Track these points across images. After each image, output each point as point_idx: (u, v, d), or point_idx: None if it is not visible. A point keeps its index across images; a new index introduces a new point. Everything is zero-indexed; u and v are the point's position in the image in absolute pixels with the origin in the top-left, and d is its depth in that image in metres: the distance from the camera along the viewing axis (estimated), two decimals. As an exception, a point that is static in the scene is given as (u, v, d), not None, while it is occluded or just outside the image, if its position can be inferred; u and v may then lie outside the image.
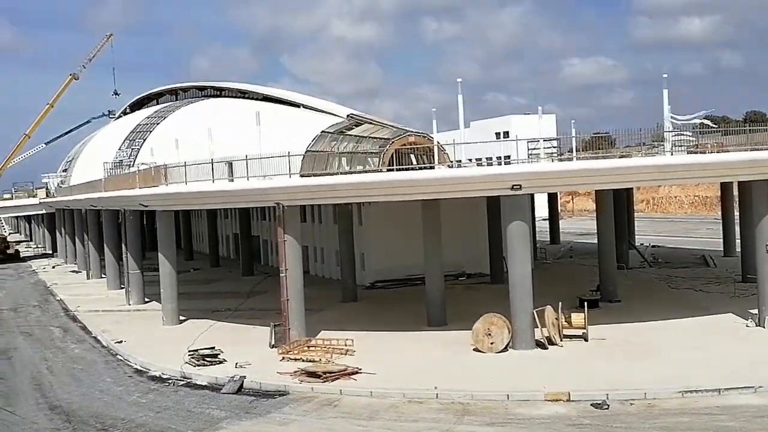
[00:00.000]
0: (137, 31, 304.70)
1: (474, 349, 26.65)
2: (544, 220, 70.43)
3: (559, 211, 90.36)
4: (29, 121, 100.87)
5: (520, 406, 20.78)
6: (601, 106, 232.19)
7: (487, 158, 41.39)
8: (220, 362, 27.01)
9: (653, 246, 59.31)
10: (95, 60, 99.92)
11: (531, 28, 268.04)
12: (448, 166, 32.30)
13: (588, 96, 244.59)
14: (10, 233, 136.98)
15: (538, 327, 26.76)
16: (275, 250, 34.61)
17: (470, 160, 38.67)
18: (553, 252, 58.74)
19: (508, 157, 32.63)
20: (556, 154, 31.85)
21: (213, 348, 28.41)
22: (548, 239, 65.82)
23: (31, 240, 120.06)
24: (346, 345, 27.58)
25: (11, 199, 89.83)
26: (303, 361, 26.37)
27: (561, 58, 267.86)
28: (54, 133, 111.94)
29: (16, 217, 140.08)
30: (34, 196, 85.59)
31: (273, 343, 28.84)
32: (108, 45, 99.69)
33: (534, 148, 31.73)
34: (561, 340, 27.21)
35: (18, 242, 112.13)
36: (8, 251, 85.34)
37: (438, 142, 34.46)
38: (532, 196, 49.34)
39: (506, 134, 79.94)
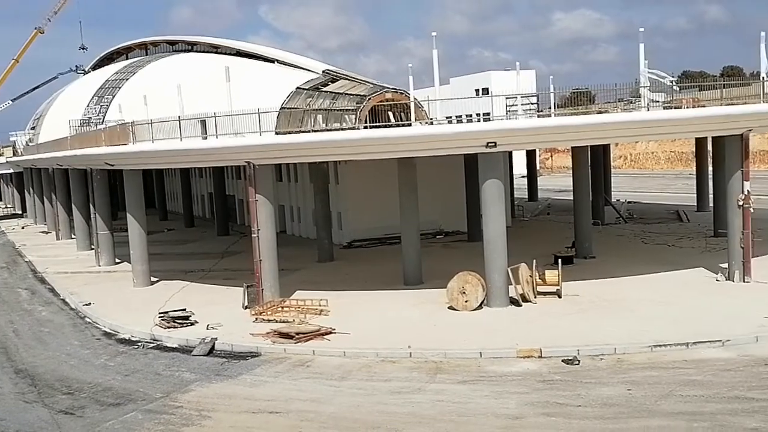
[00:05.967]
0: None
1: (449, 308, 26.53)
2: (522, 177, 70.31)
3: (539, 168, 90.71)
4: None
5: (492, 363, 20.71)
6: (588, 61, 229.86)
7: (467, 115, 40.77)
8: (192, 324, 26.61)
9: (629, 202, 59.55)
10: (60, 13, 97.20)
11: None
12: (426, 124, 31.70)
13: (575, 51, 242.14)
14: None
15: (512, 284, 26.67)
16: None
17: (449, 117, 38.07)
18: (530, 209, 58.78)
19: (488, 114, 32.13)
20: (534, 111, 31.43)
21: (184, 310, 28.02)
22: (527, 196, 65.81)
23: (0, 200, 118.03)
24: (320, 305, 27.35)
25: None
26: (276, 322, 26.08)
27: (549, 11, 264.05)
28: (21, 89, 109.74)
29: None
30: (0, 155, 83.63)
31: (246, 304, 28.48)
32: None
33: (512, 105, 31.27)
34: (535, 298, 27.18)
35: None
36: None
37: (415, 99, 33.85)
38: (510, 153, 49.25)
39: (486, 91, 78.84)
